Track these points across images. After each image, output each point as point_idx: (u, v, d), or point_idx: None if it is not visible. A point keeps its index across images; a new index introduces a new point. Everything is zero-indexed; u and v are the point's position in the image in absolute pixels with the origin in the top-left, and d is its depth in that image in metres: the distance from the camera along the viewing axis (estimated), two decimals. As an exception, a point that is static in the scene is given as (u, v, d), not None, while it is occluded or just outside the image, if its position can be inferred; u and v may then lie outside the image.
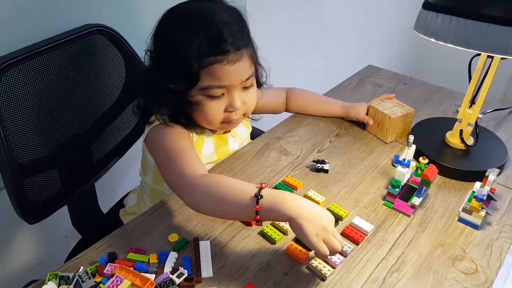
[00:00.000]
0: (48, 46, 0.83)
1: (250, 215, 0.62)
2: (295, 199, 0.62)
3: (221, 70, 0.74)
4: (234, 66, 0.74)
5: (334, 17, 1.90)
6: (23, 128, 0.81)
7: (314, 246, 0.60)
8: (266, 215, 0.62)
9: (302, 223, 0.59)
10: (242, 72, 0.76)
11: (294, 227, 0.61)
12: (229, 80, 0.76)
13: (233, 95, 0.78)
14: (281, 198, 0.62)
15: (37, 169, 0.86)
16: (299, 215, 0.60)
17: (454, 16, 0.72)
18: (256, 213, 0.61)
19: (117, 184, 1.28)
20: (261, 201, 0.61)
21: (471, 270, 0.69)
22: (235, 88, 0.78)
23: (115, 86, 1.00)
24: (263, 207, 0.61)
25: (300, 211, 0.60)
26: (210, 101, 0.77)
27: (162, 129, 0.79)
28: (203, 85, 0.75)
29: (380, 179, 0.87)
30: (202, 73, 0.74)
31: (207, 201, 0.66)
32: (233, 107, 0.78)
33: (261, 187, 0.63)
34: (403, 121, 0.96)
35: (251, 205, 0.62)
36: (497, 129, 1.03)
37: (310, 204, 0.62)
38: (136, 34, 0.80)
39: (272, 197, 0.62)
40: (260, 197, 0.61)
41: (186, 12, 0.76)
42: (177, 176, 0.70)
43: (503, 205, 0.81)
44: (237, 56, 0.74)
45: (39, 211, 0.89)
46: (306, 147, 0.96)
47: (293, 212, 0.60)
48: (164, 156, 0.75)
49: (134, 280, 0.61)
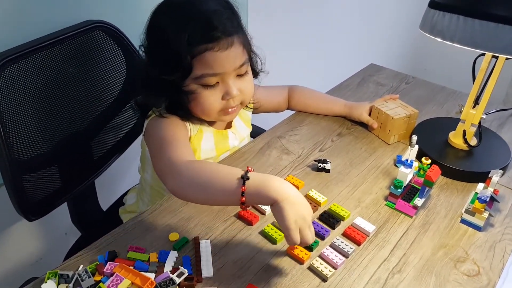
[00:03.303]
0: (48, 42, 0.83)
1: (235, 198, 0.61)
2: (281, 182, 0.62)
3: (213, 57, 0.74)
4: (226, 53, 0.74)
5: (336, 15, 1.89)
6: (22, 124, 0.80)
7: (289, 232, 0.60)
8: (251, 198, 0.61)
9: (285, 207, 0.59)
10: (235, 58, 0.76)
11: (275, 209, 0.60)
12: (222, 67, 0.75)
13: (228, 83, 0.78)
14: (267, 180, 0.61)
15: (37, 166, 0.85)
16: (284, 199, 0.60)
17: (461, 15, 0.71)
18: (242, 194, 0.61)
19: (117, 181, 1.28)
20: (247, 182, 0.61)
21: (473, 272, 0.68)
22: (229, 76, 0.78)
23: (115, 83, 0.99)
24: (250, 189, 0.61)
25: (285, 195, 0.60)
26: (205, 90, 0.77)
27: (159, 120, 0.80)
28: (197, 74, 0.75)
29: (382, 180, 0.86)
30: (194, 62, 0.74)
31: (192, 184, 0.65)
32: (229, 95, 0.78)
33: (247, 170, 0.62)
34: (406, 122, 0.96)
35: (237, 186, 0.61)
36: (500, 130, 1.03)
37: (295, 190, 0.62)
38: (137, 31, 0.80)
39: (259, 179, 0.61)
40: (246, 178, 0.61)
41: (175, 4, 0.77)
42: (165, 161, 0.71)
43: (506, 206, 0.81)
44: (227, 42, 0.74)
45: (39, 208, 0.88)
46: (308, 146, 0.96)
47: (278, 195, 0.60)
48: (157, 144, 0.76)
49: (134, 279, 0.61)
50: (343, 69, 1.53)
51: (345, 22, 1.97)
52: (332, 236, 0.73)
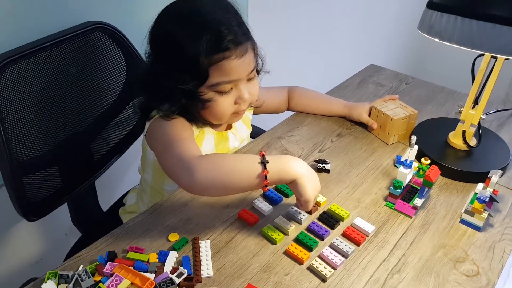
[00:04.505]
0: (49, 44, 0.83)
1: (259, 182, 0.67)
2: (297, 161, 0.70)
3: (229, 65, 0.75)
4: (241, 60, 0.76)
5: (336, 16, 1.90)
6: (23, 125, 0.80)
7: (309, 202, 0.70)
8: (273, 179, 0.68)
9: (305, 183, 0.68)
10: (249, 64, 0.79)
11: (295, 185, 0.69)
12: (238, 74, 0.77)
13: (241, 88, 0.80)
14: (285, 162, 0.69)
15: (37, 166, 0.85)
16: (302, 176, 0.68)
17: (459, 16, 0.71)
18: (265, 177, 0.67)
19: (117, 182, 1.28)
20: (268, 165, 0.67)
21: (472, 272, 0.68)
22: (242, 81, 0.79)
23: (116, 84, 1.00)
24: (271, 171, 0.67)
25: (303, 171, 0.69)
26: (221, 97, 0.79)
27: (164, 120, 0.80)
28: (213, 82, 0.76)
29: (382, 180, 0.87)
30: (210, 71, 0.75)
31: (210, 177, 0.67)
32: (242, 99, 0.80)
33: (263, 155, 0.68)
34: (405, 122, 0.96)
35: (260, 171, 0.67)
36: (500, 130, 1.03)
37: (308, 166, 0.71)
38: (137, 32, 0.80)
39: (277, 161, 0.68)
40: (266, 162, 0.67)
41: (185, 11, 0.76)
42: (176, 158, 0.71)
43: (506, 207, 0.81)
44: (242, 49, 0.76)
45: (39, 208, 0.88)
46: (307, 147, 0.96)
47: (297, 173, 0.68)
48: (164, 142, 0.76)
49: (134, 279, 0.61)
50: (343, 69, 1.53)
51: (345, 23, 1.98)
52: (331, 236, 0.73)
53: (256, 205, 0.78)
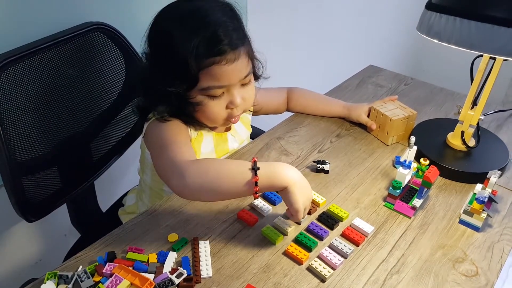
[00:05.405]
0: (48, 44, 0.83)
1: (249, 189, 0.66)
2: (288, 169, 0.68)
3: (220, 70, 0.74)
4: (233, 66, 0.75)
5: (335, 16, 1.90)
6: (22, 125, 0.80)
7: (299, 213, 0.68)
8: (263, 186, 0.66)
9: (295, 191, 0.67)
10: (241, 70, 0.77)
11: (286, 194, 0.67)
12: (228, 79, 0.76)
13: (233, 93, 0.79)
14: (276, 169, 0.67)
15: (36, 167, 0.85)
16: (293, 184, 0.67)
17: (458, 17, 0.72)
18: (255, 184, 0.65)
19: (116, 182, 1.28)
20: (259, 172, 0.65)
21: (471, 272, 0.68)
22: (235, 86, 0.78)
23: (115, 84, 1.00)
24: (262, 178, 0.65)
25: (294, 181, 0.67)
26: (211, 101, 0.78)
27: (161, 122, 0.80)
28: (203, 86, 0.76)
29: (381, 180, 0.87)
30: (201, 75, 0.75)
31: (199, 182, 0.66)
32: (233, 104, 0.79)
33: (254, 161, 0.66)
34: (404, 123, 0.96)
35: (250, 177, 0.65)
36: (499, 131, 1.03)
37: (300, 174, 0.69)
38: (136, 32, 0.80)
39: (268, 168, 0.67)
40: (257, 168, 0.65)
41: (181, 12, 0.76)
42: (168, 161, 0.71)
43: (504, 207, 0.81)
44: (235, 55, 0.75)
45: (38, 209, 0.88)
46: (307, 148, 0.96)
47: (289, 181, 0.67)
48: (159, 145, 0.76)
49: (133, 280, 0.61)
50: (342, 70, 1.53)
51: (344, 24, 1.98)
52: (330, 236, 0.73)
53: (256, 205, 0.78)
